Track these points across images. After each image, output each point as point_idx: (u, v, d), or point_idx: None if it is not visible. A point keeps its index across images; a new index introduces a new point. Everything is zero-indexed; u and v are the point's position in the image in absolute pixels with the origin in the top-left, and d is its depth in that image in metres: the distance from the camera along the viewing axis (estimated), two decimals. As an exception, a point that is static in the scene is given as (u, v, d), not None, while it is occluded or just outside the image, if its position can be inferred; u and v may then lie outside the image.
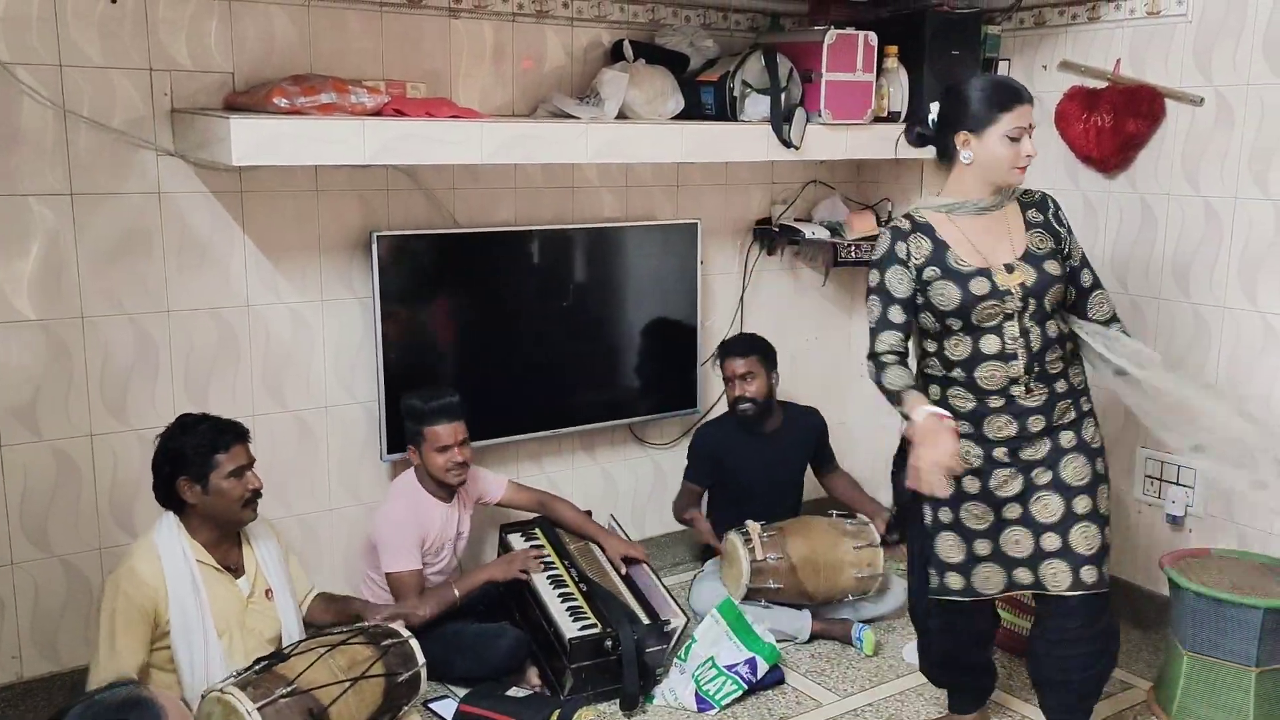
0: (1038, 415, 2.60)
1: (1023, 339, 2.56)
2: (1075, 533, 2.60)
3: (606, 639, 3.11)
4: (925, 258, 2.58)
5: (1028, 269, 2.57)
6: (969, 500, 2.66)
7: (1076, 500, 2.61)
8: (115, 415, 3.04)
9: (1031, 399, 2.59)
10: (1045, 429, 2.62)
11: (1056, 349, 2.62)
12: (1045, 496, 2.62)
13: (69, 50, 2.83)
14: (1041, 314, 2.58)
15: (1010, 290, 2.55)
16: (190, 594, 2.59)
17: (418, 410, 3.21)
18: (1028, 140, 2.54)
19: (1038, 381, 2.59)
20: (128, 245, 2.99)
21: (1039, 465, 2.62)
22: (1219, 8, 3.29)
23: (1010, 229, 2.62)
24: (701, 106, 3.54)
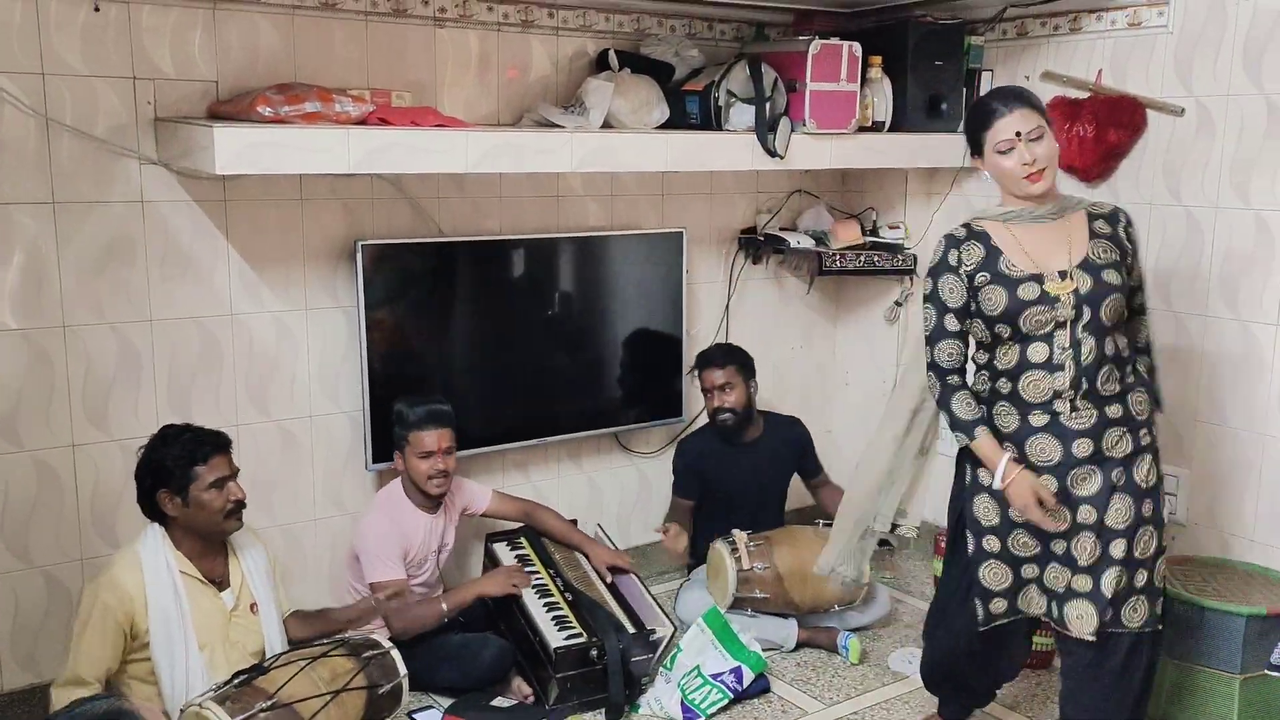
0: (1084, 439, 2.50)
1: (1072, 350, 2.48)
2: (1105, 576, 2.54)
3: (592, 648, 3.11)
4: (977, 264, 2.55)
5: (1084, 276, 2.49)
6: (1016, 529, 2.61)
7: (1113, 544, 2.54)
8: (97, 425, 3.02)
9: (1077, 419, 2.50)
10: (1094, 456, 2.52)
11: (1113, 369, 2.52)
12: (1084, 538, 2.55)
13: (51, 58, 2.82)
14: (1097, 326, 2.48)
15: (1061, 297, 2.48)
16: (172, 605, 2.57)
17: (406, 414, 3.20)
18: (1022, 149, 2.49)
19: (1085, 400, 2.49)
20: (110, 254, 2.98)
21: (1085, 503, 2.54)
22: (1199, 19, 3.31)
23: (1072, 238, 2.54)
24: (686, 116, 3.55)
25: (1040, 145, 2.51)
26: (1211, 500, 3.42)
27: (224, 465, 2.63)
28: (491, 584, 3.27)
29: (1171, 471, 3.50)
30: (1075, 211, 2.58)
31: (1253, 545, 3.32)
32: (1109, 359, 2.51)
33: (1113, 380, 2.52)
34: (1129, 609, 2.57)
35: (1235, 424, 3.35)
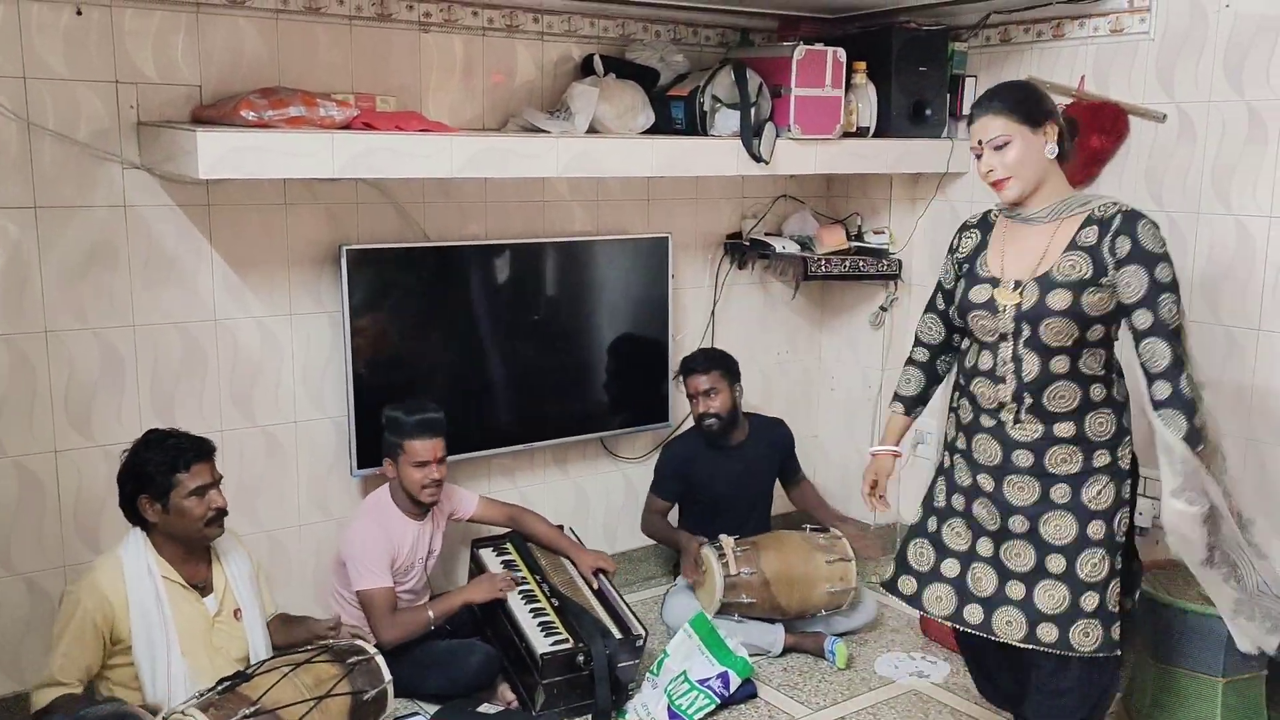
0: (1025, 450, 2.46)
1: (1013, 364, 2.43)
2: (1040, 589, 2.49)
3: (578, 654, 3.10)
4: (968, 253, 2.57)
5: (1033, 292, 2.39)
6: (954, 517, 2.62)
7: (1050, 558, 2.48)
8: (80, 431, 3.00)
9: (1020, 431, 2.46)
10: (1034, 468, 2.46)
11: (1069, 388, 2.42)
12: (1018, 545, 2.51)
13: (33, 62, 2.80)
14: (1037, 344, 2.40)
15: (1004, 308, 2.42)
16: (154, 610, 2.56)
17: (400, 423, 3.18)
18: (986, 155, 2.44)
19: (1030, 414, 2.44)
20: (93, 258, 2.96)
21: (1018, 513, 2.49)
22: (1181, 26, 3.34)
23: (1050, 245, 2.41)
24: (672, 121, 3.55)
25: (1002, 154, 2.41)
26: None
27: (206, 473, 2.61)
28: (478, 591, 3.26)
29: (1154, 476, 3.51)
30: (1073, 215, 2.42)
31: (1235, 548, 3.34)
32: (1061, 377, 2.41)
33: (1067, 399, 2.43)
34: (1078, 632, 2.46)
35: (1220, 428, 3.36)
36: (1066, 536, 2.47)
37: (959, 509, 2.61)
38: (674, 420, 4.06)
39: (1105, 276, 2.36)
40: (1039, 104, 2.45)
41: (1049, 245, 2.42)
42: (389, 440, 3.19)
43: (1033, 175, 2.43)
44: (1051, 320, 2.37)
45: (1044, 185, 2.45)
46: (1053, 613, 2.47)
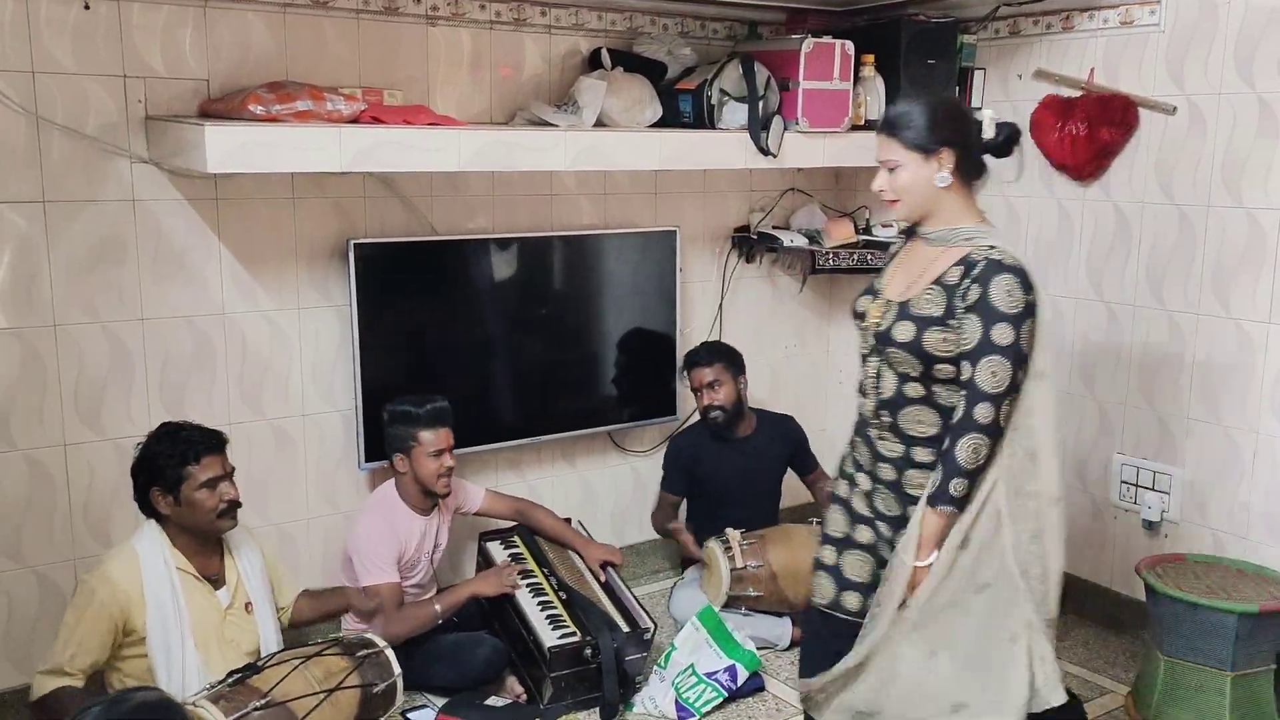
0: (888, 465, 2.39)
1: (874, 380, 2.39)
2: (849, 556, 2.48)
3: (586, 647, 3.10)
4: (885, 263, 2.55)
5: (891, 316, 2.35)
6: (835, 503, 2.56)
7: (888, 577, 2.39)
8: (90, 425, 3.02)
9: (885, 447, 2.39)
10: (897, 484, 2.38)
11: (924, 413, 2.33)
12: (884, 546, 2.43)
13: (42, 57, 2.81)
14: (890, 365, 2.35)
15: (869, 324, 2.40)
16: (169, 602, 2.57)
17: (412, 415, 3.17)
18: (881, 173, 2.37)
19: (891, 433, 2.37)
20: (102, 253, 2.97)
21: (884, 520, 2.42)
22: (1191, 18, 3.32)
23: (925, 273, 2.35)
24: (679, 114, 3.55)
25: (892, 176, 2.35)
26: (1203, 498, 3.43)
27: (217, 465, 2.62)
28: (484, 584, 3.26)
29: (1163, 469, 3.51)
30: (955, 245, 2.33)
31: (1244, 543, 3.33)
32: (914, 401, 2.32)
33: (925, 424, 2.33)
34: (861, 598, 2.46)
35: (1228, 422, 3.35)
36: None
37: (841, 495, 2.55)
38: (681, 414, 4.06)
39: (953, 319, 2.26)
40: (935, 131, 2.30)
41: (924, 272, 2.35)
42: (398, 434, 3.19)
43: (920, 201, 2.34)
44: (894, 351, 2.32)
45: (938, 211, 2.35)
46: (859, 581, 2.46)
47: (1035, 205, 3.80)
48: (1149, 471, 3.55)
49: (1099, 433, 3.69)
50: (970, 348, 2.23)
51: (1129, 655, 3.54)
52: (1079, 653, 3.57)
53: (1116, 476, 3.65)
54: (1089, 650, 3.59)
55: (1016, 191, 3.85)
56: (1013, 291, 2.22)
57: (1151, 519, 3.54)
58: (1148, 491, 3.55)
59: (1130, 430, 3.61)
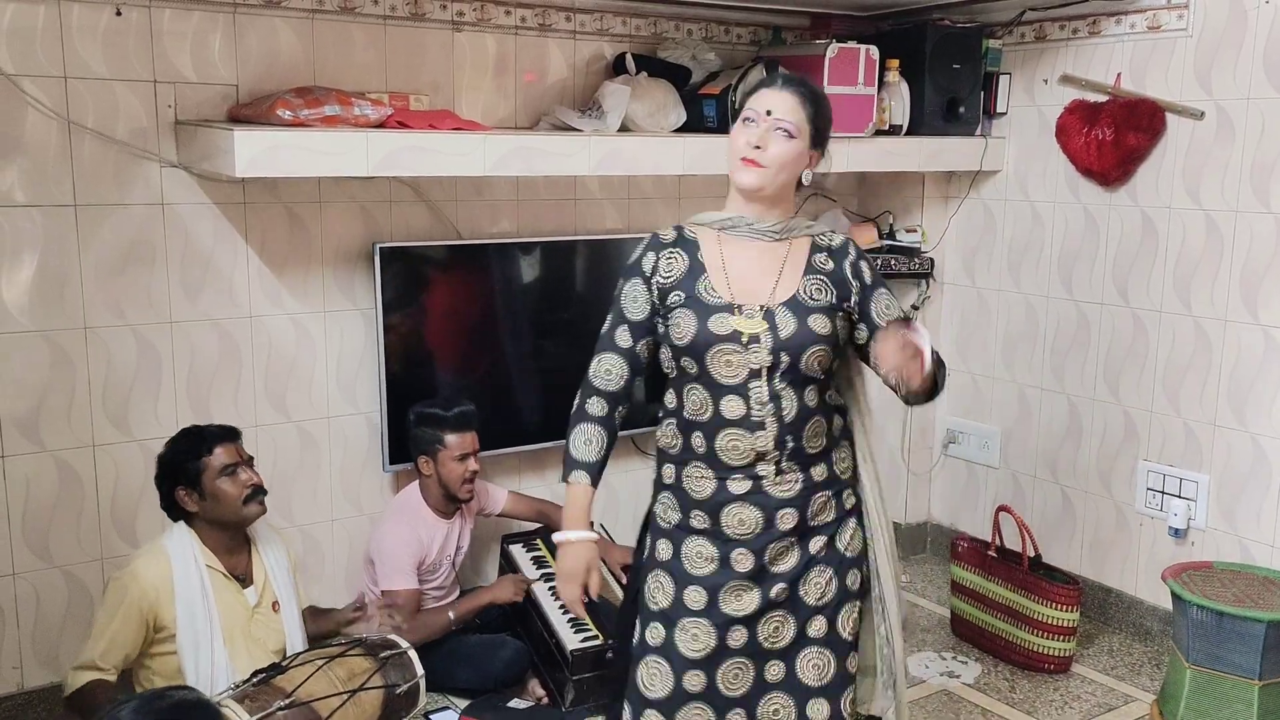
0: (789, 509, 2.12)
1: (772, 404, 2.07)
2: (802, 659, 2.17)
3: (608, 650, 3.11)
4: (675, 279, 2.15)
5: (787, 318, 2.08)
6: (689, 617, 2.14)
7: (810, 622, 2.17)
8: (118, 426, 3.05)
9: (783, 486, 2.11)
10: (797, 529, 2.13)
11: (819, 423, 2.13)
12: (777, 618, 2.16)
13: (74, 62, 2.84)
14: (796, 376, 2.08)
15: (758, 338, 2.07)
16: (199, 599, 2.59)
17: (439, 418, 3.19)
18: (761, 129, 2.08)
19: (790, 461, 2.11)
20: (131, 256, 3.00)
21: (780, 580, 2.15)
22: (1219, 23, 3.30)
23: (785, 268, 2.13)
24: (703, 119, 3.55)
25: (782, 142, 2.09)
26: (1231, 505, 3.40)
27: (231, 453, 2.65)
28: (500, 591, 3.27)
29: (1191, 477, 3.49)
30: (800, 237, 2.17)
31: (1272, 551, 3.30)
32: (814, 411, 2.12)
33: (818, 436, 2.14)
34: (848, 701, 2.21)
35: (1255, 429, 3.33)
36: (827, 596, 2.18)
37: (695, 607, 2.15)
38: (704, 418, 4.05)
39: (847, 303, 2.15)
40: (828, 128, 2.19)
41: (783, 268, 2.14)
42: (425, 436, 3.20)
43: (781, 183, 2.14)
44: (818, 349, 2.09)
45: (780, 202, 2.17)
46: (818, 684, 2.18)
47: (1061, 211, 3.79)
48: (1175, 478, 3.52)
49: (1124, 439, 3.66)
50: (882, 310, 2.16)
51: (1155, 664, 3.51)
52: (1104, 660, 3.55)
53: (1143, 483, 3.62)
54: (1114, 658, 3.57)
55: (1042, 197, 3.84)
56: None
57: (1178, 526, 3.52)
58: (1174, 499, 3.53)
59: (1156, 437, 3.59)
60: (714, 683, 2.16)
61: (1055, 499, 3.90)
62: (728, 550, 2.14)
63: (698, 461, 2.16)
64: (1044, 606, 3.40)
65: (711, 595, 2.15)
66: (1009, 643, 3.47)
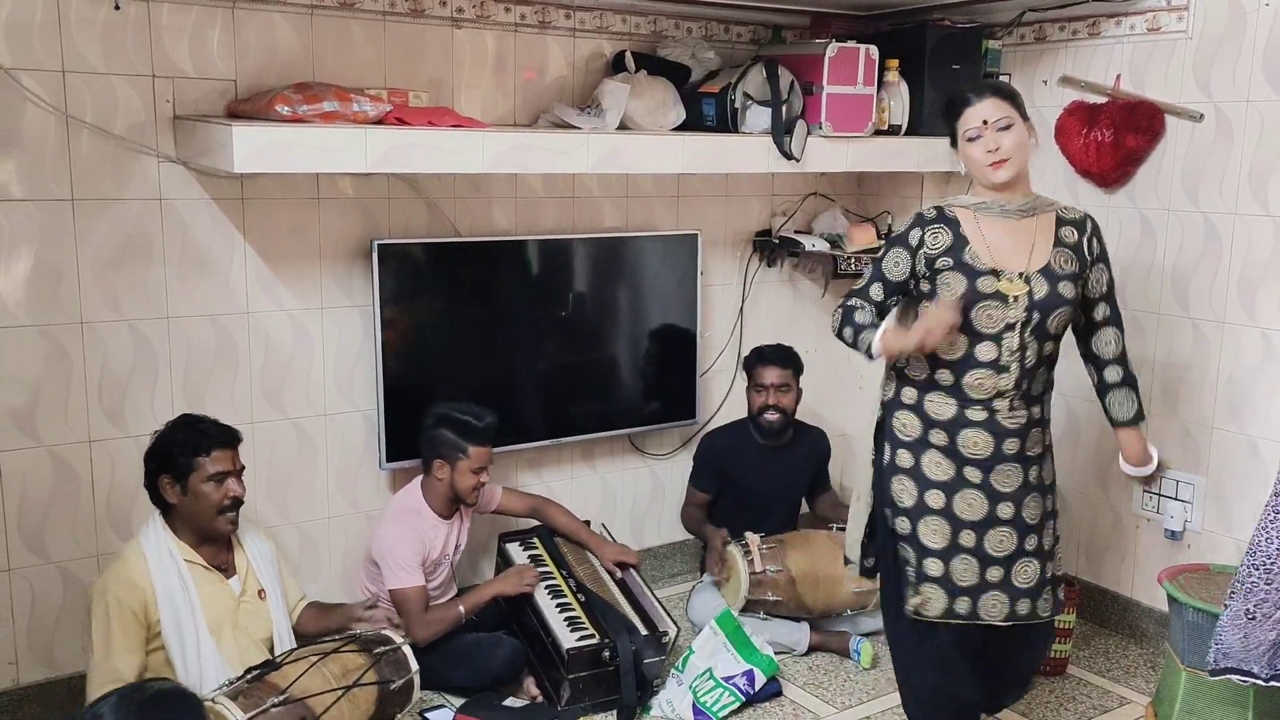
0: (1014, 438, 2.55)
1: (1019, 353, 2.50)
2: (1017, 567, 2.58)
3: (604, 650, 3.11)
4: (942, 249, 2.54)
5: (1041, 282, 2.50)
6: (930, 515, 2.58)
7: (1027, 538, 2.59)
8: (114, 421, 3.04)
9: (1013, 418, 2.54)
10: (1018, 455, 2.56)
11: (1045, 372, 2.59)
12: (1001, 532, 2.56)
13: (72, 56, 2.83)
14: (1043, 332, 2.51)
15: (1015, 298, 2.48)
16: (179, 593, 2.59)
17: (469, 428, 3.17)
18: (988, 136, 2.50)
19: (1022, 400, 2.54)
20: (128, 251, 2.99)
21: (1005, 499, 2.56)
22: (1219, 25, 3.30)
23: (1036, 240, 2.54)
24: (703, 118, 3.55)
25: (1007, 135, 2.50)
26: (1227, 508, 3.41)
27: (227, 460, 2.65)
28: (505, 584, 3.27)
29: (1186, 479, 3.49)
30: (1045, 213, 2.58)
31: (1269, 553, 3.30)
32: (1045, 360, 2.56)
33: (1040, 381, 2.58)
34: (1043, 601, 2.62)
35: (1251, 431, 3.33)
36: (1037, 515, 2.60)
37: (935, 507, 2.57)
38: (702, 417, 4.06)
39: (1085, 271, 2.58)
40: (1023, 102, 2.59)
41: (1035, 240, 2.55)
42: (446, 441, 3.18)
43: (1022, 163, 2.55)
44: (1063, 310, 2.52)
45: (1024, 178, 2.58)
46: (1025, 587, 2.59)
47: (1059, 212, 3.78)
48: (1172, 481, 3.52)
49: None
50: (1104, 290, 2.63)
51: (1150, 666, 3.52)
52: (1099, 662, 3.55)
53: (1139, 485, 3.61)
54: (1110, 660, 3.57)
55: (1040, 198, 3.83)
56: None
57: (1174, 529, 3.52)
58: (1171, 501, 3.53)
59: (1154, 439, 3.55)
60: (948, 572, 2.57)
61: (1052, 500, 3.90)
62: (961, 466, 2.56)
63: (941, 391, 2.56)
64: (1040, 608, 3.40)
65: (947, 499, 2.57)
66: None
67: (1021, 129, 2.53)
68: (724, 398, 4.13)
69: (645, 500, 4.10)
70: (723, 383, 4.14)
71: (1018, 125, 2.52)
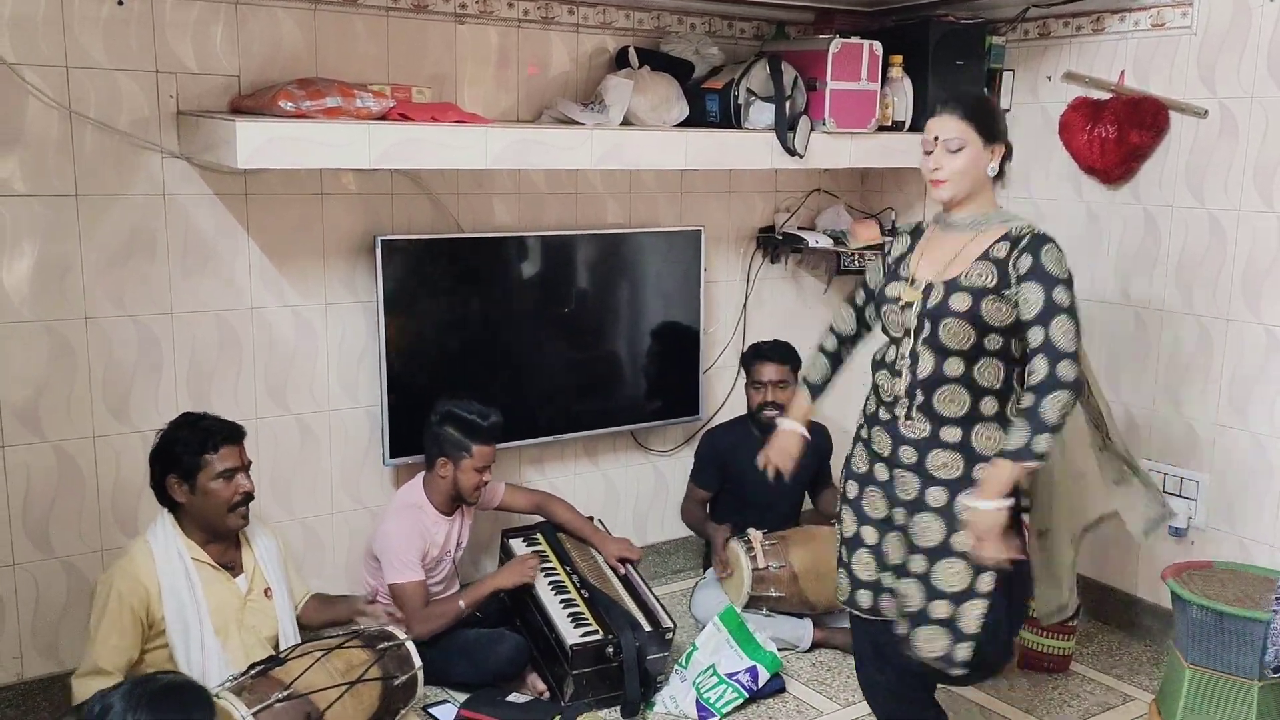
0: (910, 447, 2.45)
1: (909, 360, 2.43)
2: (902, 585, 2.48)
3: (608, 645, 3.11)
4: (896, 257, 2.58)
5: (939, 292, 2.39)
6: (845, 504, 2.62)
7: (913, 559, 2.46)
8: (118, 416, 3.04)
9: (909, 429, 2.44)
10: (916, 466, 2.44)
11: (960, 394, 2.39)
12: (894, 539, 2.51)
13: (75, 52, 2.83)
14: (936, 344, 2.39)
15: (910, 304, 2.43)
16: (186, 591, 2.59)
17: (475, 427, 3.18)
18: (936, 153, 2.43)
19: (920, 413, 2.42)
20: (132, 246, 2.99)
21: (901, 505, 2.48)
22: (1223, 21, 3.29)
23: (963, 252, 2.43)
24: (706, 114, 3.55)
25: (953, 157, 2.41)
26: (1230, 505, 3.40)
27: (234, 457, 2.64)
28: (506, 577, 3.27)
29: (1190, 476, 3.48)
30: (991, 228, 2.43)
31: (1272, 550, 3.30)
32: (953, 381, 2.39)
33: (957, 405, 2.39)
34: (923, 636, 2.43)
35: (1256, 428, 3.32)
36: (931, 540, 2.42)
37: (850, 496, 2.61)
38: (705, 414, 4.06)
39: (1008, 289, 2.35)
40: (996, 123, 2.48)
41: (961, 252, 2.43)
42: (451, 439, 3.18)
43: (968, 186, 2.44)
44: (952, 320, 2.37)
45: (975, 197, 2.47)
46: (908, 610, 2.47)
47: (1063, 208, 3.78)
48: (1176, 477, 3.52)
49: (1126, 437, 3.65)
50: (1036, 312, 2.31)
51: (1154, 663, 3.51)
52: (1103, 660, 3.55)
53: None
54: (1113, 657, 3.57)
55: (1044, 194, 3.83)
56: (1060, 260, 2.35)
57: (1178, 526, 3.51)
58: (1175, 497, 3.52)
59: (1158, 435, 3.58)
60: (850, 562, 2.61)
61: (1055, 497, 3.90)
62: (874, 460, 2.56)
63: (872, 387, 2.59)
64: (1043, 604, 3.39)
65: (860, 490, 2.58)
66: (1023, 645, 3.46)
67: (975, 153, 2.41)
68: (727, 394, 4.13)
69: (648, 496, 4.10)
70: (726, 379, 4.14)
71: (970, 149, 2.40)
